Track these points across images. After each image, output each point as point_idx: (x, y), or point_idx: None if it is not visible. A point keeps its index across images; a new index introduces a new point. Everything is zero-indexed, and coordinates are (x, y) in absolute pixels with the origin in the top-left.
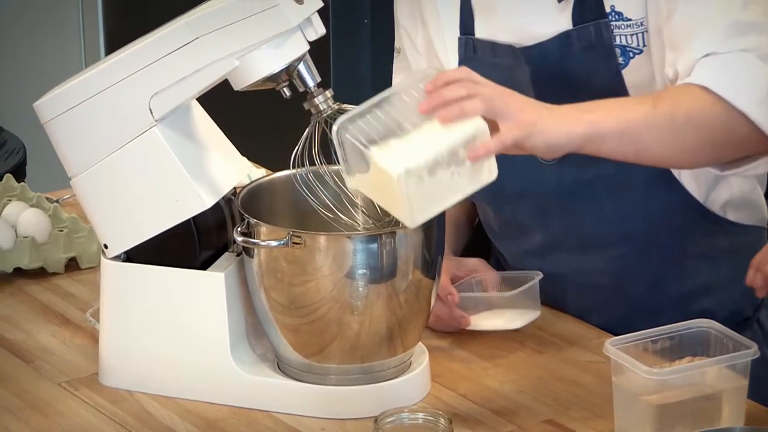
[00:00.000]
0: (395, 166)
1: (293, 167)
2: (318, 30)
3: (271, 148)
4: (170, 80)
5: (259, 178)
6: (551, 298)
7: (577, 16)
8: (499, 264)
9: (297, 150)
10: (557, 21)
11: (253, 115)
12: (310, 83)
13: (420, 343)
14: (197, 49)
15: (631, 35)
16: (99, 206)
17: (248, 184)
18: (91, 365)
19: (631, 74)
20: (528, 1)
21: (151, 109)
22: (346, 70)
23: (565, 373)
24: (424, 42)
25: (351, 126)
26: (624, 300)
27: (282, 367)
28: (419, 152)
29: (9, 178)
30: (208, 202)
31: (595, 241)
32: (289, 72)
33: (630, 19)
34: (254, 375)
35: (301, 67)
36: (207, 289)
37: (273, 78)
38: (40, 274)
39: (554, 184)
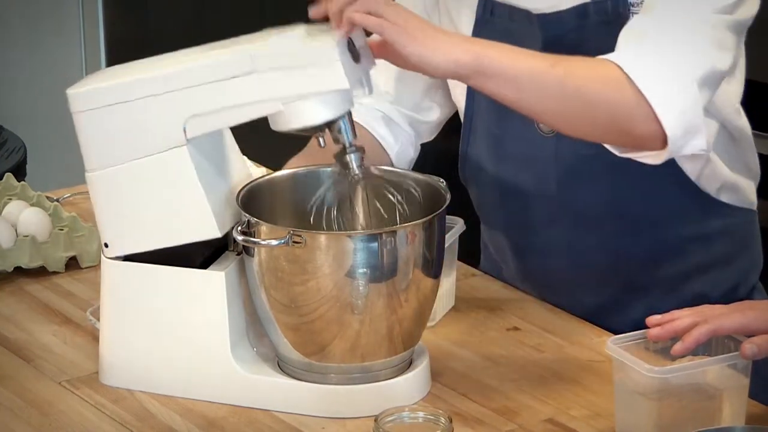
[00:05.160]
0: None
1: (312, 221)
2: (367, 89)
3: (271, 147)
4: (213, 106)
5: (259, 177)
6: (547, 274)
7: None
8: (489, 255)
9: (315, 200)
10: None
11: None
12: (347, 140)
13: (420, 342)
14: (250, 84)
15: None
16: (108, 206)
17: (248, 183)
18: (92, 364)
19: None
20: None
21: (185, 129)
22: None
23: (566, 371)
24: None
25: None
26: (618, 279)
27: (282, 366)
28: None
29: (9, 177)
30: (220, 232)
31: (591, 216)
32: (329, 124)
33: None
34: (255, 374)
35: (342, 122)
36: (207, 288)
37: (312, 128)
38: (41, 273)
39: (552, 154)
